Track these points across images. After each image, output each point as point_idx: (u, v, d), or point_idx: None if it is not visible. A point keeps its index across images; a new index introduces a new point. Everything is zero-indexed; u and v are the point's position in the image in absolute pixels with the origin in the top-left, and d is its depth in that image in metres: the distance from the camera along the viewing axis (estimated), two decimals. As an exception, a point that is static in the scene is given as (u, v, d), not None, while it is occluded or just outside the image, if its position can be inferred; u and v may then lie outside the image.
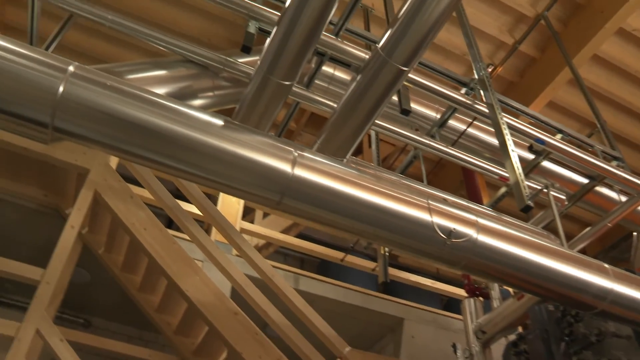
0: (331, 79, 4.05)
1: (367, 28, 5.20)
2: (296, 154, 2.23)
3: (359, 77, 2.76)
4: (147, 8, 5.80)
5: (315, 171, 2.24)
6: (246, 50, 3.27)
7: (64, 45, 5.96)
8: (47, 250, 4.19)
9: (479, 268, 2.75)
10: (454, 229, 2.56)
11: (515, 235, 2.82)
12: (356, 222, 2.35)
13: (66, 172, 4.70)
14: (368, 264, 6.30)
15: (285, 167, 2.17)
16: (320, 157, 2.36)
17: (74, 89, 2.00)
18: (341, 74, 4.08)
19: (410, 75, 3.53)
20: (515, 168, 3.25)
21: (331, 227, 2.43)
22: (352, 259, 6.24)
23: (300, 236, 6.64)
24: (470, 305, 4.71)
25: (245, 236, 5.19)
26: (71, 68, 2.03)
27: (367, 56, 3.55)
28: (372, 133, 4.91)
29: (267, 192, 2.17)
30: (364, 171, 2.50)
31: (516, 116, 4.38)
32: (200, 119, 2.10)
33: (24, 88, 1.97)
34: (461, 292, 5.98)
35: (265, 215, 6.79)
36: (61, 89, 1.97)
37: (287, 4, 2.44)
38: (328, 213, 2.29)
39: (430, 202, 2.59)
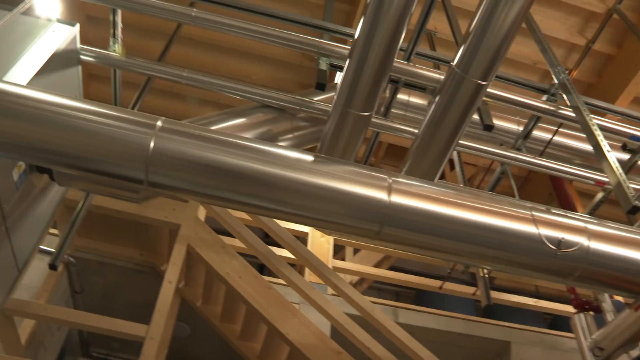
0: (407, 105, 4.01)
1: (433, 50, 5.16)
2: (390, 181, 2.18)
3: (437, 98, 2.70)
4: (214, 63, 5.99)
5: (412, 195, 2.19)
6: (321, 87, 3.28)
7: (143, 110, 6.20)
8: (147, 307, 4.28)
9: (595, 277, 2.58)
10: (563, 238, 2.43)
11: (631, 238, 2.64)
12: (460, 243, 2.26)
13: (158, 230, 4.83)
14: (467, 289, 6.10)
15: (381, 195, 2.12)
16: (415, 180, 2.30)
17: (164, 142, 2.04)
18: (416, 100, 4.04)
19: (488, 90, 3.45)
20: (615, 169, 3.07)
21: (434, 252, 2.36)
22: (450, 286, 6.06)
23: (392, 269, 6.54)
24: (581, 320, 4.43)
25: (339, 274, 5.16)
26: (159, 123, 2.08)
27: (441, 76, 3.50)
28: (455, 154, 4.81)
29: (366, 222, 2.13)
30: (460, 189, 2.43)
31: (602, 116, 4.18)
32: (290, 157, 2.10)
33: (118, 148, 2.03)
34: (567, 308, 5.68)
35: (355, 251, 6.74)
36: (152, 144, 2.02)
37: (357, 35, 2.43)
38: (430, 237, 2.22)
39: (533, 213, 2.47)
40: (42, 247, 4.55)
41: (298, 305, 4.91)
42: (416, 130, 3.18)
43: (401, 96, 3.94)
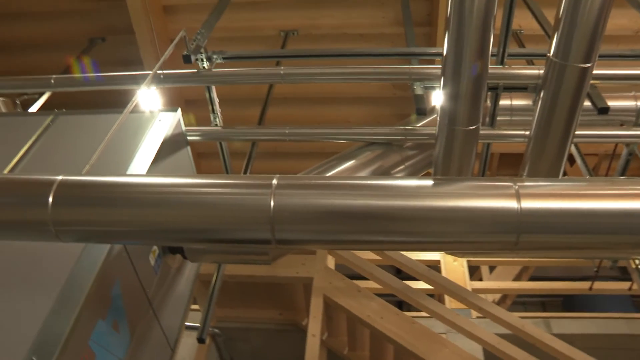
0: (511, 109, 3.88)
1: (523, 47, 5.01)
2: (516, 187, 2.09)
3: (542, 94, 2.59)
4: (310, 115, 6.10)
5: (542, 197, 2.08)
6: (421, 112, 3.25)
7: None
8: (298, 365, 4.32)
9: None
10: None
11: None
12: (604, 236, 2.10)
13: (293, 287, 4.91)
14: (621, 285, 5.67)
15: (511, 203, 2.03)
16: (540, 181, 2.20)
17: (283, 199, 2.07)
18: (520, 101, 3.90)
19: (594, 72, 3.26)
20: None
21: (577, 251, 2.20)
22: (600, 285, 5.66)
23: (533, 280, 6.24)
24: None
25: (480, 295, 4.98)
26: (274, 181, 2.11)
27: (539, 71, 3.36)
28: (573, 148, 4.57)
29: (502, 235, 2.04)
30: (590, 179, 2.29)
31: None
32: (409, 185, 2.07)
33: (240, 214, 2.08)
34: None
35: (491, 269, 6.51)
36: (272, 203, 2.06)
37: (445, 52, 2.39)
38: (571, 236, 2.09)
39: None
40: (187, 323, 4.74)
41: (445, 335, 4.78)
42: (527, 132, 3.06)
43: (503, 102, 3.82)
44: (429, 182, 2.10)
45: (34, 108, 4.38)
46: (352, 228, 2.05)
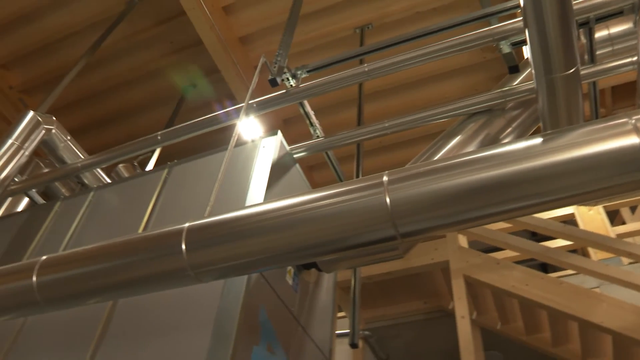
0: (610, 39, 3.64)
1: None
2: (632, 121, 1.97)
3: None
4: (405, 102, 6.06)
5: (665, 125, 1.95)
6: (514, 70, 3.14)
7: (368, 174, 6.44)
8: (452, 349, 4.28)
9: None
10: None
11: None
12: None
13: (431, 274, 4.88)
14: None
15: (631, 140, 1.92)
16: (660, 109, 2.06)
17: (397, 193, 2.07)
18: (618, 28, 3.64)
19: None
20: None
21: None
22: None
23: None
24: None
25: (626, 240, 4.71)
26: (385, 178, 2.12)
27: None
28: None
29: (631, 174, 1.92)
30: None
31: None
32: (518, 148, 2.01)
33: (360, 218, 2.10)
34: None
35: (633, 209, 6.12)
36: (387, 200, 2.06)
37: (522, 1, 2.29)
38: None
39: None
40: (338, 332, 4.84)
41: (598, 289, 4.56)
42: (634, 58, 2.87)
43: (599, 33, 3.59)
44: (537, 141, 2.03)
45: (150, 165, 4.67)
46: (472, 205, 2.02)
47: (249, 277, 2.64)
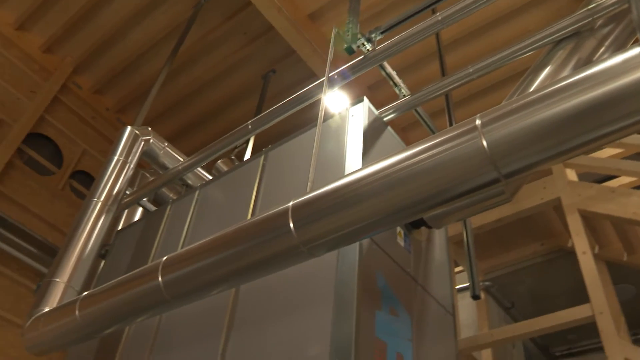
0: None
1: None
2: None
3: None
4: (488, 44, 5.85)
5: None
6: (598, -14, 2.96)
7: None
8: (579, 288, 4.13)
9: None
10: None
11: None
12: None
13: (543, 214, 4.74)
14: None
15: None
16: None
17: (493, 134, 2.02)
18: None
19: None
20: None
21: None
22: None
23: None
24: None
25: None
26: (477, 121, 2.07)
27: None
28: None
29: None
30: None
31: None
32: (614, 64, 1.90)
33: (460, 166, 2.07)
34: None
35: None
36: (484, 142, 2.02)
37: None
38: None
39: None
40: (458, 286, 4.81)
41: None
42: None
43: None
44: (636, 51, 1.90)
45: (247, 156, 4.80)
46: (573, 132, 1.93)
47: (360, 245, 2.67)
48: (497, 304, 5.37)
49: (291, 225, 2.23)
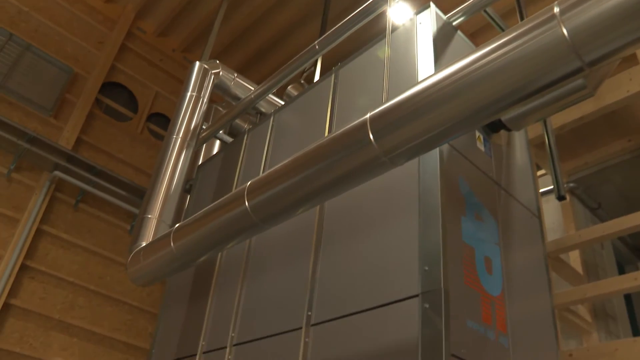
0: None
1: None
2: None
3: None
4: None
5: None
6: None
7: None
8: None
9: None
10: None
11: None
12: None
13: (628, 108, 4.54)
14: None
15: None
16: None
17: (572, 21, 1.93)
18: None
19: None
20: None
21: None
22: None
23: None
24: None
25: None
26: (556, 9, 1.98)
27: None
28: None
29: None
30: None
31: None
32: None
33: (540, 59, 1.99)
34: None
35: None
36: (564, 30, 1.93)
37: None
38: None
39: None
40: (542, 189, 4.73)
41: None
42: None
43: None
44: None
45: (317, 77, 4.78)
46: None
47: (441, 152, 2.65)
48: (583, 206, 5.25)
49: (371, 136, 2.23)
